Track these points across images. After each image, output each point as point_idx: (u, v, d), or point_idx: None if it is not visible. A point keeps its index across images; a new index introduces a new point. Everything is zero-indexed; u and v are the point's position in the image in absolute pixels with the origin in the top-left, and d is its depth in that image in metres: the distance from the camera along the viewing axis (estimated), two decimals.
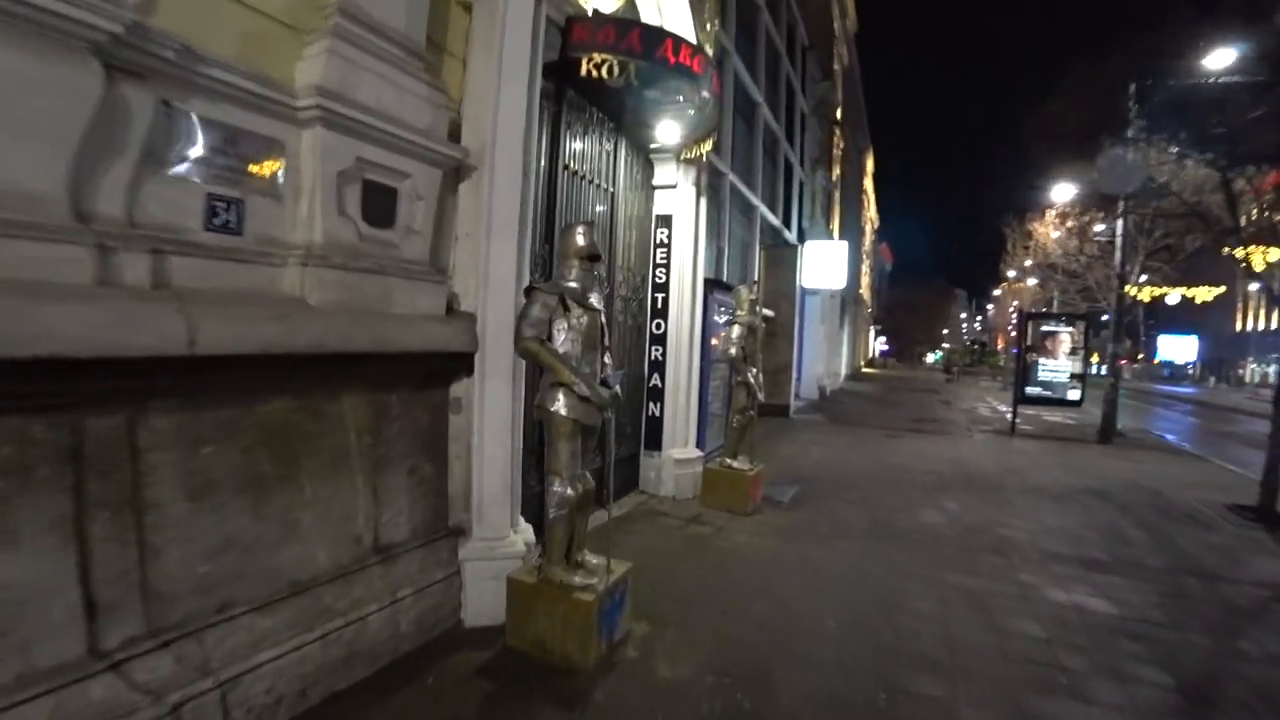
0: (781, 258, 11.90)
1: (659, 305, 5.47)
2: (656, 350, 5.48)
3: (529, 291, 2.75)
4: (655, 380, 5.48)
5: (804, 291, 14.02)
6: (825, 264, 14.04)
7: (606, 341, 3.00)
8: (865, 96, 27.25)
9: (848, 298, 22.96)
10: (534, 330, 2.65)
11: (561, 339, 2.74)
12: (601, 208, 4.71)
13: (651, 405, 5.49)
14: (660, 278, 5.47)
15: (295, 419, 2.41)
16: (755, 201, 10.28)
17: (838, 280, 14.19)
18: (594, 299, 2.87)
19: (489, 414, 3.05)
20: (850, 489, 6.37)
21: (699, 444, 5.77)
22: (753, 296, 5.30)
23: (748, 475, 5.11)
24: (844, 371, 23.87)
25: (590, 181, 4.53)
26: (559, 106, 4.09)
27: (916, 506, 5.82)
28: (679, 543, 4.41)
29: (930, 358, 58.03)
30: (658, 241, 5.47)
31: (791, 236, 13.27)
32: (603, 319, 2.96)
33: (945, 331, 60.64)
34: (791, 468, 7.27)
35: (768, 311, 11.35)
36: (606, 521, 3.11)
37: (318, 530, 2.52)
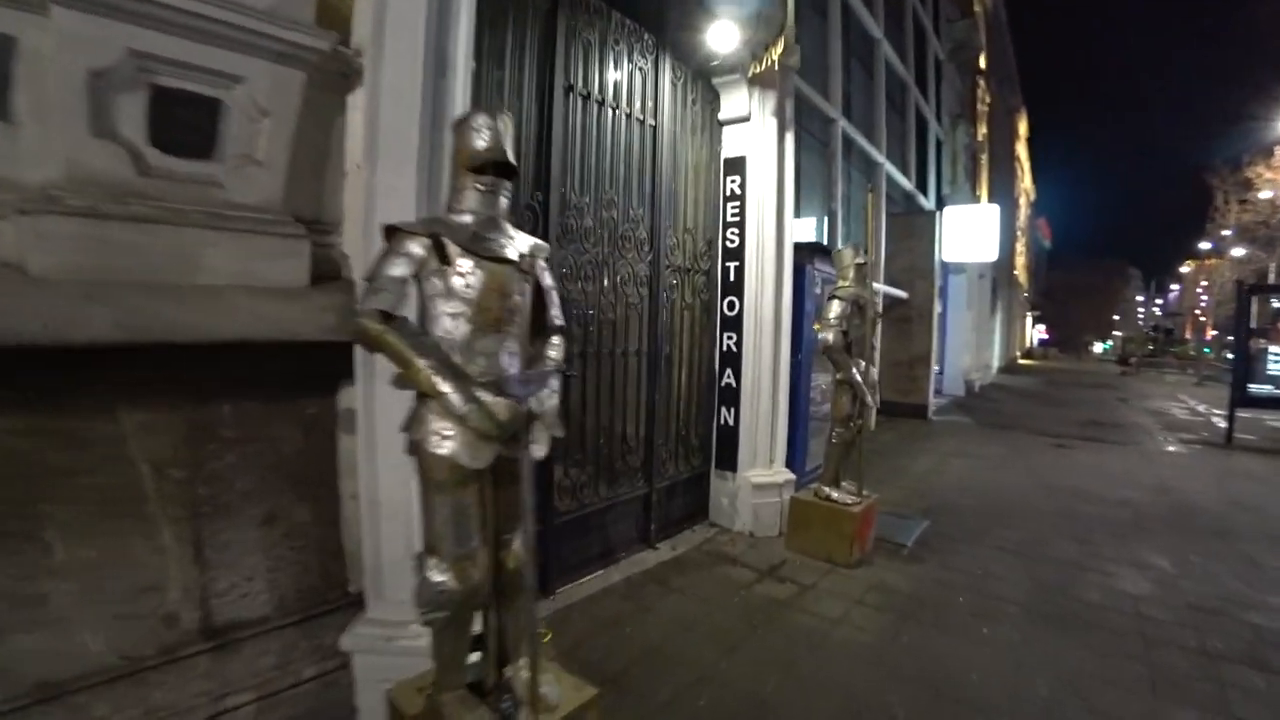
0: (915, 227, 9.47)
1: (731, 278, 4.12)
2: (729, 338, 4.13)
3: (387, 233, 1.64)
4: (728, 378, 4.14)
5: (946, 268, 11.30)
6: (971, 233, 11.02)
7: (556, 316, 1.83)
8: (1014, 47, 22.16)
9: (1000, 279, 18.93)
10: (379, 299, 1.54)
11: (437, 312, 1.62)
12: (636, 145, 3.50)
13: (724, 411, 4.16)
14: (732, 241, 4.10)
15: (24, 446, 1.60)
16: (878, 158, 8.21)
17: (987, 252, 11.09)
18: (505, 243, 1.69)
19: (382, 435, 2.04)
20: (1003, 526, 4.46)
21: (791, 463, 4.31)
22: (860, 260, 3.73)
23: (851, 512, 3.58)
24: (996, 363, 19.96)
25: (616, 109, 3.35)
26: (553, 3, 2.97)
27: (1104, 561, 3.85)
28: (738, 613, 3.08)
29: (1098, 347, 50.61)
30: (727, 193, 4.11)
31: (928, 203, 10.70)
32: (542, 279, 1.79)
33: (1116, 317, 50.96)
34: (922, 491, 5.41)
35: (900, 293, 9.16)
36: (546, 620, 1.92)
37: (86, 607, 1.70)
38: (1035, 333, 45.49)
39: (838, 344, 3.61)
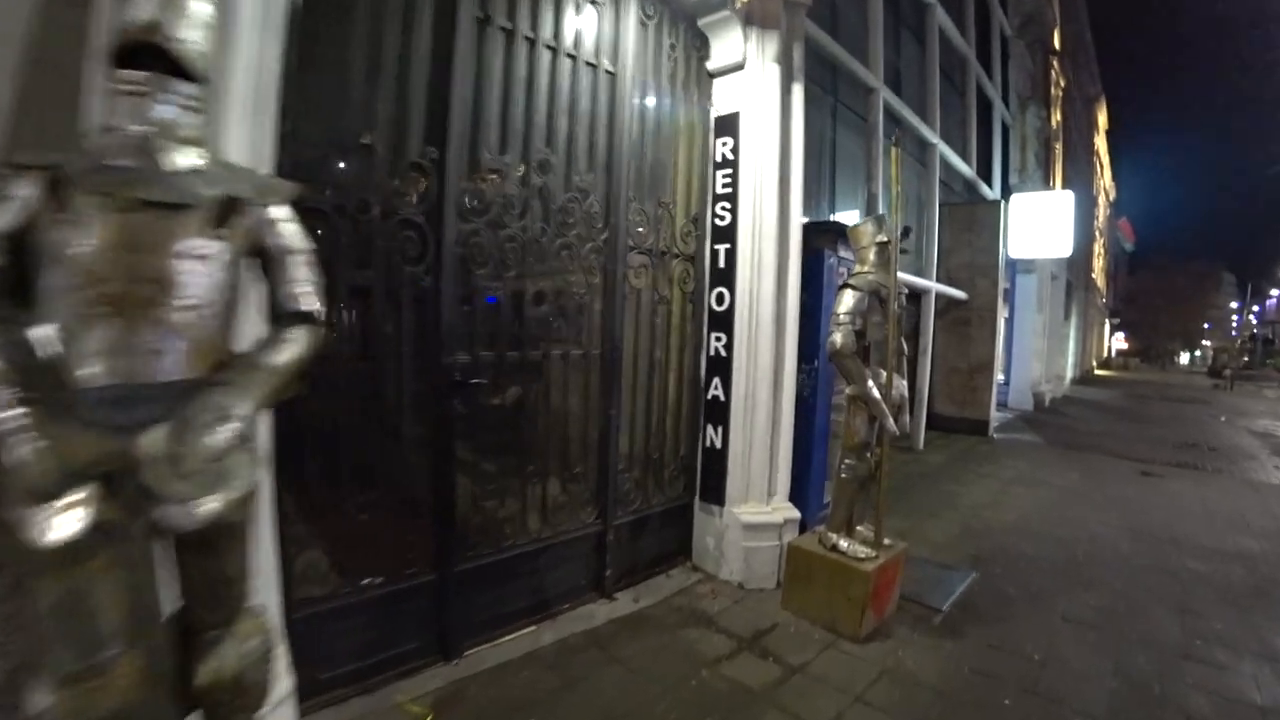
0: (975, 218, 8.12)
1: (720, 264, 3.34)
2: (717, 340, 3.36)
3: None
4: (715, 389, 3.36)
5: (1013, 266, 9.85)
6: (1041, 226, 9.46)
7: (296, 295, 1.20)
8: (1092, 29, 19.57)
9: (1076, 281, 16.74)
10: None
11: (45, 285, 1.00)
12: (587, 95, 2.79)
13: (710, 431, 3.38)
14: (722, 218, 3.33)
15: None
16: (932, 138, 7.06)
17: (1060, 246, 9.57)
18: (162, 177, 1.04)
19: None
20: (1075, 585, 3.43)
21: (801, 497, 3.47)
22: (882, 238, 2.88)
23: (862, 570, 2.72)
24: (1070, 374, 17.77)
25: (556, 50, 2.67)
26: None
27: (1214, 644, 2.81)
28: (690, 704, 2.29)
29: (1184, 357, 47.47)
30: (718, 159, 3.34)
31: (992, 193, 9.27)
32: (269, 237, 1.17)
33: (1207, 325, 46.49)
34: (973, 529, 4.37)
35: (957, 293, 7.91)
36: None
37: None
38: (1114, 340, 42.46)
39: (848, 348, 2.77)
